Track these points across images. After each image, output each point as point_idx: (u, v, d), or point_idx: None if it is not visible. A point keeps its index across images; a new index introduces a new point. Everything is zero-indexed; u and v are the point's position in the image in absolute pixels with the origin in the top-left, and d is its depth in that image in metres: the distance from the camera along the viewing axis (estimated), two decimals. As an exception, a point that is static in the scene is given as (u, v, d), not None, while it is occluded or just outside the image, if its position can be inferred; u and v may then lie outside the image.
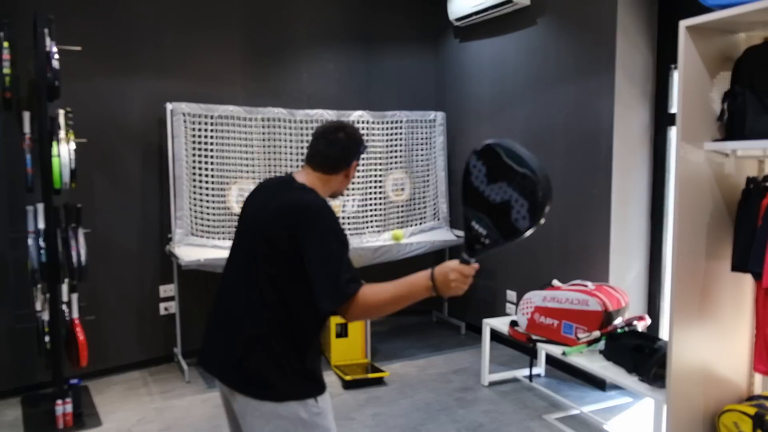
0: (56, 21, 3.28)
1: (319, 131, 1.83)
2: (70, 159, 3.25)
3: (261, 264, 1.67)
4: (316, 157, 1.81)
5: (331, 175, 1.81)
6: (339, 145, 1.80)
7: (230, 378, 1.71)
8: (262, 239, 1.67)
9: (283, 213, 1.66)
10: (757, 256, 2.32)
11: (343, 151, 1.81)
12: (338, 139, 1.80)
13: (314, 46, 4.74)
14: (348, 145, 1.82)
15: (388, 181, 4.80)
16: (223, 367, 1.73)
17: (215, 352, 1.77)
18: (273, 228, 1.65)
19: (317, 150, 1.81)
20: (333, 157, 1.80)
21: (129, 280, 4.10)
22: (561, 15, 3.93)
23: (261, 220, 1.70)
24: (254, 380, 1.66)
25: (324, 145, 1.80)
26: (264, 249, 1.67)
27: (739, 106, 2.39)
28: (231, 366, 1.70)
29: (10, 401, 3.63)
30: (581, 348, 3.15)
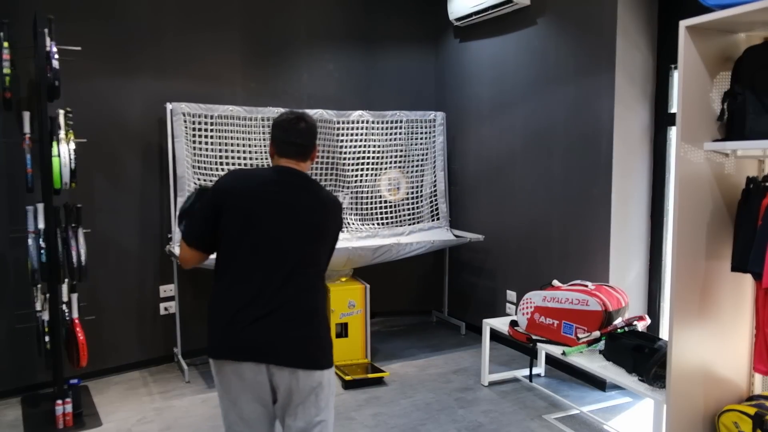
0: (56, 21, 3.28)
1: (284, 125, 2.01)
2: (70, 159, 3.25)
3: (308, 250, 1.96)
4: (291, 148, 2.01)
5: (306, 162, 2.06)
6: (308, 134, 2.03)
7: (293, 356, 1.90)
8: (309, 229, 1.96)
9: (330, 208, 2.02)
10: (757, 256, 2.32)
11: (311, 137, 2.05)
12: (305, 129, 2.03)
13: (314, 46, 4.74)
14: (312, 131, 2.05)
15: (383, 181, 4.80)
16: (282, 348, 1.89)
17: (264, 336, 1.88)
18: (322, 221, 1.99)
19: (291, 142, 2.01)
20: (306, 146, 2.03)
21: (129, 280, 4.10)
22: (561, 15, 3.93)
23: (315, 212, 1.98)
24: (323, 352, 1.96)
25: (296, 136, 2.00)
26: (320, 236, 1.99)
27: (739, 106, 2.39)
28: (297, 345, 1.91)
29: (10, 401, 3.63)
30: (581, 348, 3.15)
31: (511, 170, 4.44)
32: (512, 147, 4.42)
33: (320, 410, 1.97)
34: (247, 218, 1.91)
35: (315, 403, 1.95)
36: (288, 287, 1.90)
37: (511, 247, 4.46)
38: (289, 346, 1.90)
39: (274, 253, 1.91)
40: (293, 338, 1.90)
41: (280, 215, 1.93)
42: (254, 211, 1.91)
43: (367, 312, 4.18)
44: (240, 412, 1.94)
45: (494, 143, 4.60)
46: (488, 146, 4.67)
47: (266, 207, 1.92)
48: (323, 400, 1.97)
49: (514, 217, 4.42)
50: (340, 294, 4.11)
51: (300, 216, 1.95)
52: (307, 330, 1.93)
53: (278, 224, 1.92)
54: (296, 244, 1.93)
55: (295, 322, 1.90)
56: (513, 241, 4.44)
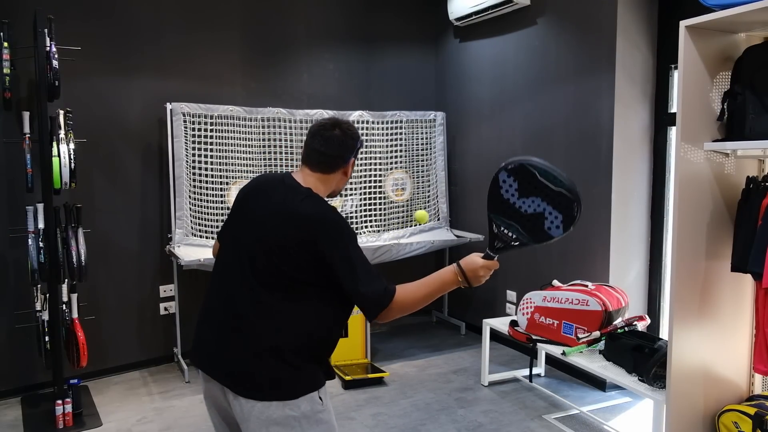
0: (56, 21, 3.28)
1: (313, 129, 1.78)
2: (70, 159, 3.25)
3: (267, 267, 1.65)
4: (312, 156, 1.76)
5: (329, 174, 1.78)
6: (336, 143, 1.75)
7: (234, 382, 1.66)
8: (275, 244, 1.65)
9: (298, 223, 1.65)
10: (757, 256, 2.32)
11: (340, 148, 1.76)
12: (335, 137, 1.75)
13: (314, 46, 4.74)
14: (345, 141, 1.77)
15: (388, 181, 4.80)
16: (224, 369, 1.69)
17: (213, 352, 1.72)
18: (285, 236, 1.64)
19: (313, 149, 1.76)
20: (331, 155, 1.76)
21: (129, 280, 4.10)
22: (561, 15, 3.93)
23: (269, 226, 1.68)
24: (264, 383, 1.63)
25: (320, 143, 1.75)
26: (273, 254, 1.65)
27: (739, 106, 2.39)
28: (237, 369, 1.66)
29: (10, 401, 3.63)
30: (581, 348, 3.15)
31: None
32: (512, 147, 4.41)
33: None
34: (230, 224, 1.82)
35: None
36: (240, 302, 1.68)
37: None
38: (230, 365, 1.67)
39: (237, 264, 1.71)
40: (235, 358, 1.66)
41: (251, 226, 1.72)
42: (236, 218, 1.79)
43: (367, 312, 4.18)
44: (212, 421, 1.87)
45: (494, 143, 4.60)
46: (488, 146, 4.67)
47: (244, 215, 1.77)
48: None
49: (514, 217, 4.41)
50: (340, 294, 4.11)
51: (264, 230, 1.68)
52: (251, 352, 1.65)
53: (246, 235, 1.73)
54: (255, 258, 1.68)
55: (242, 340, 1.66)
56: (513, 241, 4.43)
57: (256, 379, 1.64)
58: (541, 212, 1.64)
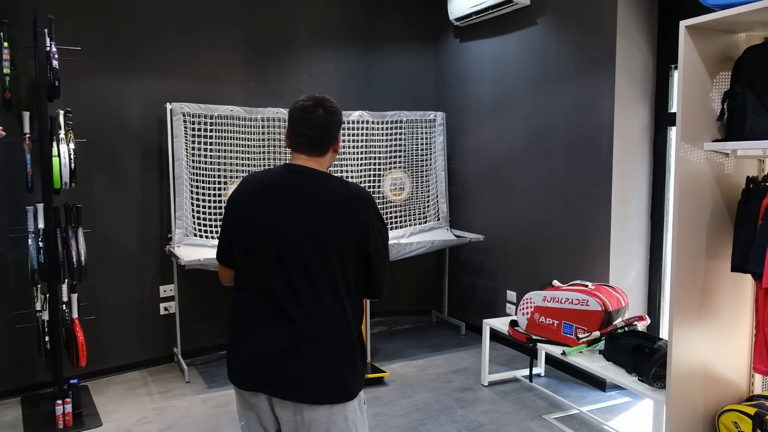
0: (56, 21, 3.28)
1: (297, 115, 1.72)
2: (70, 159, 3.25)
3: (329, 260, 1.64)
4: (304, 143, 1.72)
5: (324, 156, 1.76)
6: (324, 124, 1.72)
7: (294, 388, 1.64)
8: (328, 235, 1.64)
9: (350, 204, 1.66)
10: (757, 256, 2.32)
11: (329, 128, 1.73)
12: (320, 118, 1.71)
13: (314, 46, 4.74)
14: (331, 120, 1.74)
15: (386, 180, 4.80)
16: (283, 378, 1.65)
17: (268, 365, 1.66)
18: (341, 223, 1.65)
19: (303, 135, 1.72)
20: (321, 138, 1.72)
21: (129, 280, 4.10)
22: (561, 15, 3.93)
23: (320, 216, 1.65)
24: (335, 384, 1.65)
25: (308, 128, 1.71)
26: (332, 244, 1.64)
27: (739, 106, 2.39)
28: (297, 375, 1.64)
29: (10, 401, 3.63)
30: (581, 348, 3.15)
31: (511, 170, 4.44)
32: (512, 147, 4.41)
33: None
34: (246, 229, 1.71)
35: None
36: (294, 305, 1.64)
37: (511, 247, 4.46)
38: (289, 376, 1.64)
39: (276, 267, 1.65)
40: (293, 367, 1.64)
41: (282, 224, 1.66)
42: (253, 221, 1.69)
43: (367, 312, 4.18)
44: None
45: (494, 143, 4.60)
46: (488, 146, 4.67)
47: (265, 215, 1.68)
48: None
49: (514, 217, 4.42)
50: (340, 294, 4.11)
51: (306, 222, 1.65)
52: (313, 357, 1.64)
53: (278, 234, 1.66)
54: (304, 255, 1.64)
55: (299, 347, 1.64)
56: (513, 241, 4.44)
57: (326, 383, 1.66)
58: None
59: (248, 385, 1.70)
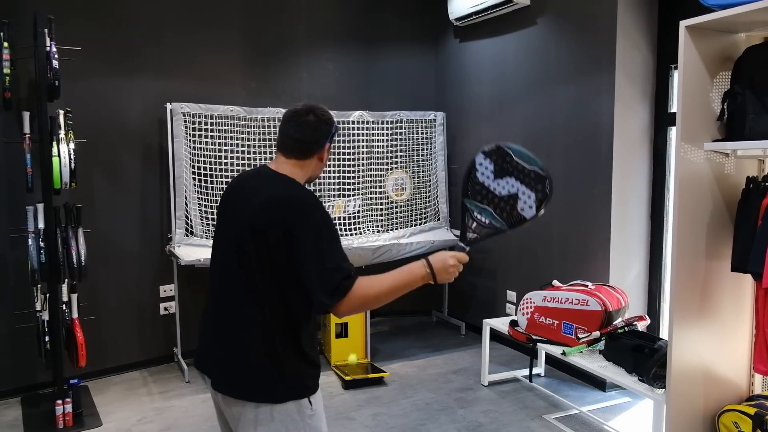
0: (56, 21, 3.28)
1: (287, 116, 1.74)
2: (70, 159, 3.25)
3: (252, 261, 1.61)
4: (287, 143, 1.72)
5: (305, 160, 1.74)
6: (310, 128, 1.71)
7: (223, 382, 1.68)
8: (250, 235, 1.61)
9: (272, 207, 1.61)
10: (757, 256, 2.32)
11: (315, 134, 1.72)
12: (308, 122, 1.71)
13: (314, 46, 4.74)
14: (319, 126, 1.73)
15: (388, 181, 4.80)
16: (216, 370, 1.70)
17: (209, 355, 1.74)
18: (262, 223, 1.60)
19: (288, 135, 1.72)
20: (305, 141, 1.72)
21: (129, 280, 4.10)
22: (561, 15, 3.93)
23: (247, 215, 1.63)
24: (251, 384, 1.63)
25: (294, 129, 1.71)
26: (254, 245, 1.60)
27: (739, 106, 2.39)
28: (226, 370, 1.67)
29: (10, 401, 3.63)
30: (581, 348, 3.15)
31: (511, 170, 4.43)
32: (512, 147, 4.41)
33: None
34: (217, 225, 1.81)
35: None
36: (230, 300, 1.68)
37: (511, 247, 4.46)
38: (218, 366, 1.70)
39: (221, 263, 1.73)
40: (222, 359, 1.69)
41: (231, 220, 1.71)
42: (219, 218, 1.80)
43: (367, 312, 4.18)
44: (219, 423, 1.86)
45: (494, 143, 4.60)
46: (488, 146, 4.67)
47: (225, 212, 1.76)
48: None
49: (514, 217, 4.41)
50: (340, 294, 4.10)
51: (245, 219, 1.64)
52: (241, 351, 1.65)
53: (227, 231, 1.72)
54: (240, 252, 1.64)
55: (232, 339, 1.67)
56: (513, 241, 4.44)
57: (247, 381, 1.63)
58: (515, 193, 1.70)
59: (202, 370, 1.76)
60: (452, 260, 1.67)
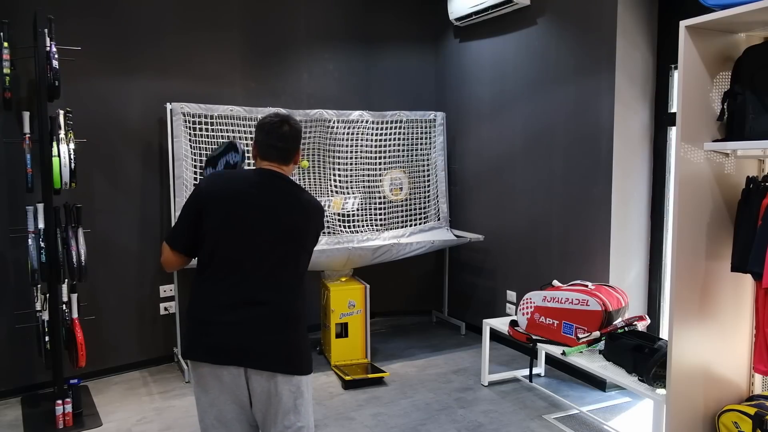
0: (56, 21, 3.28)
1: (267, 128, 1.99)
2: (70, 159, 3.25)
3: (298, 252, 1.96)
4: (272, 152, 1.99)
5: (288, 165, 2.04)
6: (291, 138, 2.00)
7: (272, 360, 1.88)
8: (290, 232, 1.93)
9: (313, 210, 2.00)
10: (757, 256, 2.32)
11: (295, 141, 2.02)
12: (288, 133, 2.00)
13: (314, 46, 4.74)
14: (296, 135, 2.02)
15: (385, 180, 4.80)
16: (261, 351, 1.88)
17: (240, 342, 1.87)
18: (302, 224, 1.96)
19: (271, 146, 1.99)
20: (289, 149, 2.01)
21: (129, 280, 4.10)
22: (561, 15, 3.93)
23: (294, 214, 1.95)
24: (302, 357, 1.94)
25: (278, 140, 1.98)
26: (301, 239, 1.96)
27: (739, 106, 2.39)
28: (276, 348, 1.89)
29: (10, 401, 3.63)
30: (581, 348, 3.15)
31: (511, 170, 4.44)
32: (512, 147, 4.42)
33: (299, 416, 1.95)
34: (227, 221, 1.91)
35: (294, 410, 1.93)
36: (267, 290, 1.91)
37: (511, 247, 4.46)
38: (268, 349, 1.89)
39: (254, 256, 1.90)
40: (272, 342, 1.89)
41: (261, 218, 1.91)
42: (235, 214, 1.91)
43: (367, 312, 4.18)
44: (219, 413, 1.92)
45: (494, 143, 4.61)
46: (488, 146, 4.67)
47: (247, 209, 1.91)
48: (302, 406, 1.95)
49: (514, 217, 4.42)
50: (340, 294, 4.11)
51: (281, 219, 1.93)
52: (286, 334, 1.92)
53: (258, 227, 1.91)
54: (276, 246, 1.92)
55: (274, 325, 1.90)
56: (513, 241, 4.44)
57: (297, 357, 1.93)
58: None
59: (225, 359, 1.88)
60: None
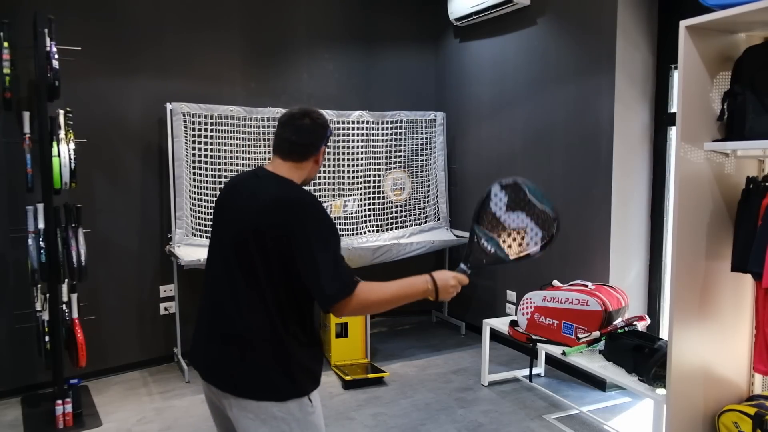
0: (56, 21, 3.28)
1: (284, 119, 1.80)
2: (70, 159, 3.25)
3: (255, 261, 1.64)
4: (284, 146, 1.78)
5: (301, 162, 1.78)
6: (307, 131, 1.77)
7: (224, 381, 1.69)
8: (253, 235, 1.63)
9: (276, 208, 1.64)
10: (757, 256, 2.32)
11: (312, 136, 1.78)
12: (305, 125, 1.77)
13: (314, 46, 4.74)
14: (315, 130, 1.79)
15: (387, 181, 4.80)
16: (216, 369, 1.72)
17: (206, 353, 1.76)
18: (266, 224, 1.62)
19: (284, 138, 1.77)
20: (302, 144, 1.77)
21: (129, 280, 4.10)
22: (561, 15, 3.93)
23: (250, 216, 1.66)
24: (253, 381, 1.64)
25: (291, 132, 1.77)
26: (257, 245, 1.63)
27: (739, 106, 2.39)
28: (227, 368, 1.69)
29: (10, 401, 3.63)
30: (581, 348, 3.15)
31: (511, 170, 4.44)
32: (512, 147, 4.42)
33: None
34: (213, 226, 1.86)
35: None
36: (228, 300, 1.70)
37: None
38: (216, 365, 1.72)
39: (220, 263, 1.76)
40: (221, 358, 1.71)
41: (229, 221, 1.75)
42: (216, 219, 1.84)
43: (367, 312, 4.18)
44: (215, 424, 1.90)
45: (494, 143, 4.60)
46: (488, 146, 4.67)
47: (223, 214, 1.79)
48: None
49: (514, 217, 4.41)
50: (340, 294, 4.10)
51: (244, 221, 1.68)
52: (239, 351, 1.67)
53: (225, 232, 1.76)
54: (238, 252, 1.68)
55: (230, 340, 1.69)
56: (513, 241, 4.43)
57: (252, 379, 1.65)
58: (523, 228, 1.81)
59: (201, 373, 1.78)
60: (453, 281, 1.76)
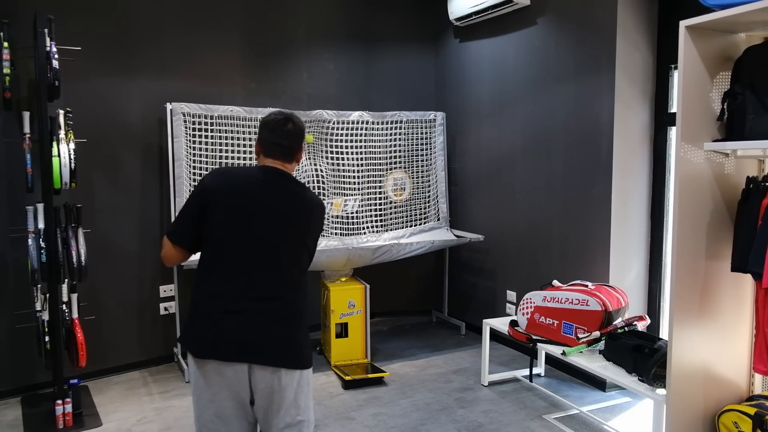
0: (56, 21, 3.29)
1: (271, 125, 2.02)
2: (70, 159, 3.25)
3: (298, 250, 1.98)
4: (276, 149, 2.01)
5: (292, 163, 2.07)
6: (295, 136, 2.04)
7: (277, 356, 1.91)
8: (301, 229, 1.98)
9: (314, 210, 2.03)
10: (757, 256, 2.32)
11: (298, 139, 2.05)
12: (292, 130, 2.03)
13: (314, 46, 4.75)
14: (300, 133, 2.05)
15: (388, 181, 4.80)
16: (266, 347, 1.90)
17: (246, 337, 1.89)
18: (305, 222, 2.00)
19: (276, 143, 2.01)
20: (293, 147, 2.04)
21: (129, 280, 4.10)
22: (561, 15, 3.93)
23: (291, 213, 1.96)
24: (303, 352, 1.97)
25: (281, 137, 2.01)
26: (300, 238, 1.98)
27: (739, 106, 2.39)
28: (281, 344, 1.92)
29: (10, 401, 3.63)
30: (581, 348, 3.15)
31: (511, 170, 4.44)
32: (512, 147, 4.42)
33: (300, 410, 1.98)
34: (233, 217, 1.92)
35: (295, 403, 1.96)
36: (273, 287, 1.94)
37: (511, 247, 4.46)
38: (273, 345, 1.91)
39: (260, 253, 1.93)
40: (277, 338, 1.92)
41: (267, 215, 1.94)
42: (241, 211, 1.92)
43: (367, 312, 4.19)
44: (218, 409, 1.92)
45: (494, 143, 4.61)
46: (488, 146, 4.68)
47: (253, 206, 1.93)
48: (303, 400, 1.98)
49: (514, 217, 4.42)
50: (340, 294, 4.11)
51: (286, 216, 1.96)
52: (291, 330, 1.95)
53: (264, 224, 1.93)
54: (282, 244, 1.95)
55: (280, 321, 1.93)
56: (513, 241, 4.44)
57: (300, 352, 1.96)
58: None
59: (232, 356, 1.88)
60: None
